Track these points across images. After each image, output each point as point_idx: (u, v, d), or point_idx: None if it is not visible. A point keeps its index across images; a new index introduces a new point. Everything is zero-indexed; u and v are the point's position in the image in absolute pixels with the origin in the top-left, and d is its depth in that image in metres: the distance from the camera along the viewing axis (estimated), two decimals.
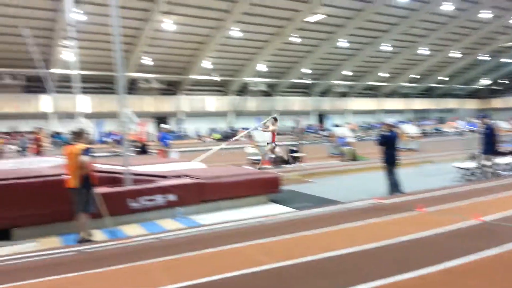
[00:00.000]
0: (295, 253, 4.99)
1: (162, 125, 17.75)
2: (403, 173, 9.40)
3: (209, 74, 38.70)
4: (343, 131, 19.26)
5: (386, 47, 41.44)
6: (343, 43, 38.36)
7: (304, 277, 4.20)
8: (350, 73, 46.20)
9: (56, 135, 23.65)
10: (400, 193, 8.80)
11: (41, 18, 26.86)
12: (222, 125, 44.36)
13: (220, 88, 43.17)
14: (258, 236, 5.78)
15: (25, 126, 34.52)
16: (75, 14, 13.96)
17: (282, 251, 5.13)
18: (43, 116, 34.41)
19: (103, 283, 4.29)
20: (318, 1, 30.69)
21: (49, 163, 8.88)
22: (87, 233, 6.21)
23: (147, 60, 34.01)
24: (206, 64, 36.52)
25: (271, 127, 13.57)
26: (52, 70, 31.16)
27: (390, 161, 9.02)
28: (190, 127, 41.75)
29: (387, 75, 49.54)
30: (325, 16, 32.56)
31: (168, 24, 29.53)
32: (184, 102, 40.99)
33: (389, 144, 9.04)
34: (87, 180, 6.17)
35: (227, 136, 40.61)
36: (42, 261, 5.11)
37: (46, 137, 15.90)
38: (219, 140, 38.62)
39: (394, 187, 8.99)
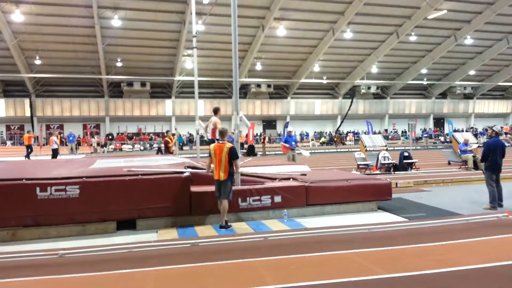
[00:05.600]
0: (408, 265, 4.66)
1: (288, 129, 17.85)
2: None
3: (319, 77, 38.41)
4: (466, 137, 17.65)
5: None
6: (468, 40, 34.76)
7: None
8: (474, 73, 41.70)
9: (179, 137, 25.99)
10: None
11: (167, 30, 29.48)
12: (329, 129, 43.87)
13: (329, 91, 42.65)
14: (366, 245, 5.55)
15: (150, 127, 38.81)
16: (197, 26, 14.91)
17: (392, 262, 4.84)
18: (166, 118, 38.12)
19: (211, 277, 4.51)
20: None
21: (171, 161, 9.68)
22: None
23: (258, 65, 35.17)
24: (315, 67, 36.35)
25: None
26: (175, 78, 34.23)
27: None
28: (297, 130, 42.08)
29: None
30: (447, 12, 29.86)
31: (281, 29, 30.03)
32: (292, 106, 41.45)
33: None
34: (232, 173, 7.07)
35: (332, 140, 40.10)
36: (160, 251, 5.58)
37: (173, 139, 17.58)
38: (324, 143, 38.26)
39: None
